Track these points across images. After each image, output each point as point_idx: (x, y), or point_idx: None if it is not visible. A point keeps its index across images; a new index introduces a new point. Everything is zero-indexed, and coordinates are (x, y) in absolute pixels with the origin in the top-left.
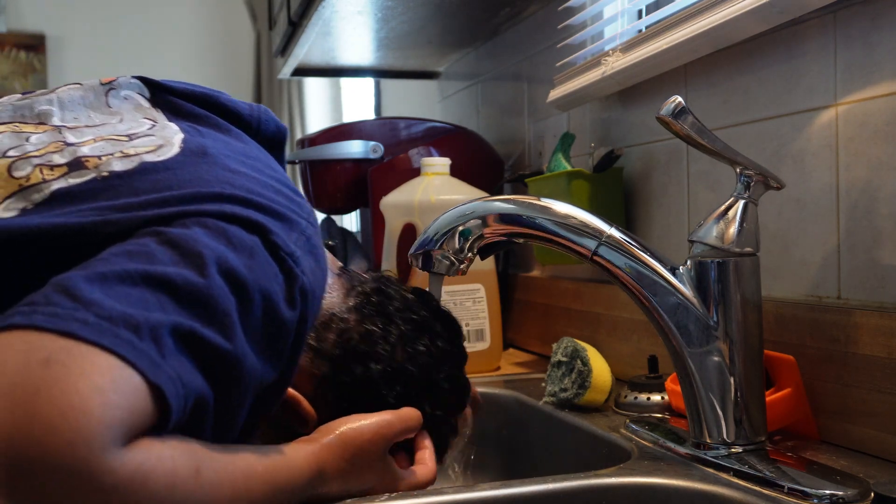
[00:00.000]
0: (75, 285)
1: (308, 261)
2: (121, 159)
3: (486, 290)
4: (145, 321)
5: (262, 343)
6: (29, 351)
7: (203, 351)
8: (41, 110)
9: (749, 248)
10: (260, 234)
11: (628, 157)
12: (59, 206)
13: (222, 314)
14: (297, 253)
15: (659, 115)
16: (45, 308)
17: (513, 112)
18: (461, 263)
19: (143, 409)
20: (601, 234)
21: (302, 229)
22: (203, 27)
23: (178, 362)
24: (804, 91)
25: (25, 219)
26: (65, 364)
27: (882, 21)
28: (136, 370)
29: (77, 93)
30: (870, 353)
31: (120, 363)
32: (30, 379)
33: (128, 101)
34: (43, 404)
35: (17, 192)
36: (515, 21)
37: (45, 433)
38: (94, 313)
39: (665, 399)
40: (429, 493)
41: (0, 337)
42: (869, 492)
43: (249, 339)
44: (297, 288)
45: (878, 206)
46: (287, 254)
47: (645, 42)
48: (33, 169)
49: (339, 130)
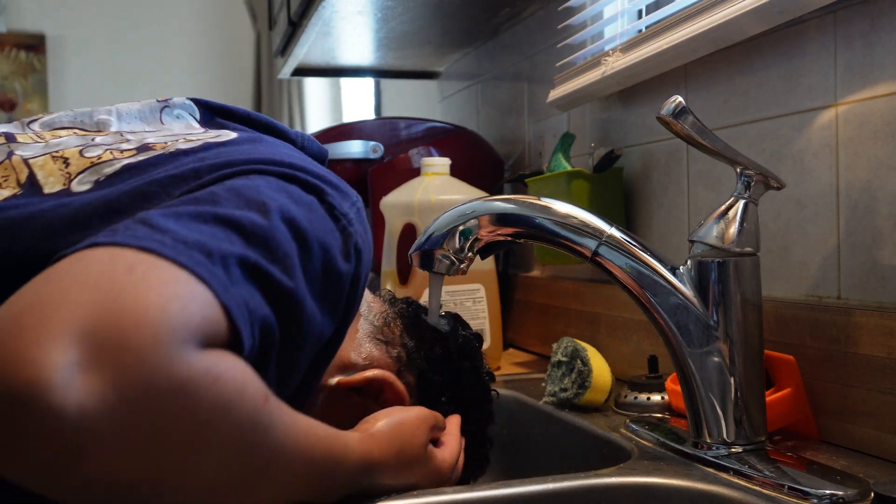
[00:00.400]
0: (152, 218)
1: (360, 226)
2: (185, 142)
3: (486, 290)
4: (217, 249)
5: (322, 292)
6: (114, 259)
7: (268, 284)
8: (100, 119)
9: (749, 248)
10: (317, 194)
11: (628, 157)
12: (129, 177)
13: (284, 255)
14: (351, 215)
15: (659, 115)
16: (125, 231)
17: (513, 112)
18: (461, 263)
19: (216, 321)
20: (601, 233)
21: (353, 201)
22: (203, 27)
23: (245, 289)
24: (804, 91)
25: (100, 190)
26: (146, 272)
27: (882, 21)
28: (209, 288)
29: (135, 107)
30: (870, 353)
31: (195, 279)
32: (115, 280)
33: (180, 120)
34: (129, 301)
35: (89, 168)
36: (515, 21)
37: (131, 325)
38: (171, 237)
39: (665, 399)
40: (429, 494)
41: (84, 251)
42: (869, 492)
43: (309, 286)
44: (352, 244)
45: (878, 206)
46: (342, 214)
47: (645, 42)
48: (104, 151)
49: (339, 130)
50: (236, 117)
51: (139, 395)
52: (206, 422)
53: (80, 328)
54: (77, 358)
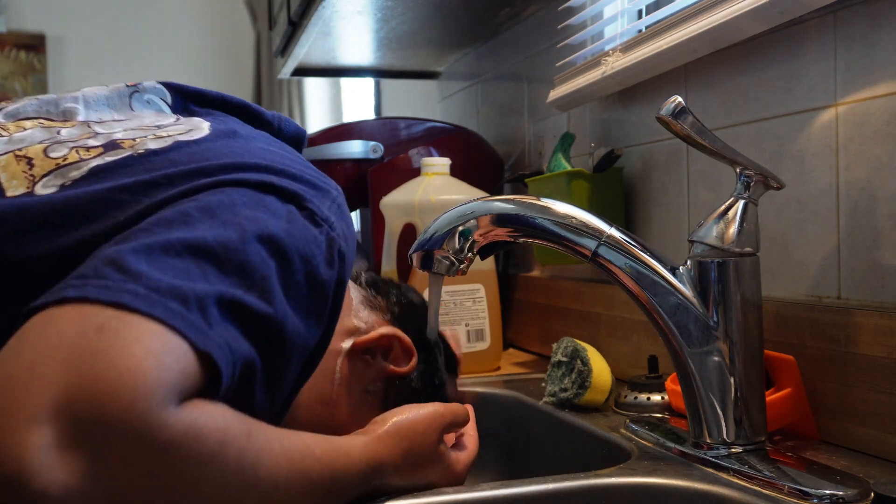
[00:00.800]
0: (123, 258)
1: (341, 225)
2: (154, 140)
3: (486, 290)
4: (192, 292)
5: (306, 304)
6: (83, 319)
7: (247, 317)
8: (67, 107)
9: (749, 248)
10: (296, 201)
11: (628, 157)
12: (97, 181)
13: (261, 279)
14: (332, 218)
15: (659, 115)
16: (95, 281)
17: (513, 112)
18: (461, 263)
19: (193, 372)
20: (601, 234)
21: (333, 198)
22: (203, 27)
23: (224, 330)
24: (804, 91)
25: (66, 193)
26: (118, 331)
27: (882, 21)
28: (185, 338)
29: (102, 93)
30: (870, 353)
31: (169, 331)
32: (86, 345)
33: (150, 106)
34: (101, 367)
35: (54, 171)
36: (515, 21)
37: (105, 393)
38: (144, 285)
39: (665, 399)
40: (429, 494)
41: (54, 309)
42: (869, 492)
43: (291, 302)
44: (335, 249)
45: (878, 207)
46: (323, 219)
47: (645, 42)
48: (69, 150)
49: (339, 130)
50: (209, 101)
51: (121, 467)
52: (194, 478)
53: (55, 405)
54: (54, 437)
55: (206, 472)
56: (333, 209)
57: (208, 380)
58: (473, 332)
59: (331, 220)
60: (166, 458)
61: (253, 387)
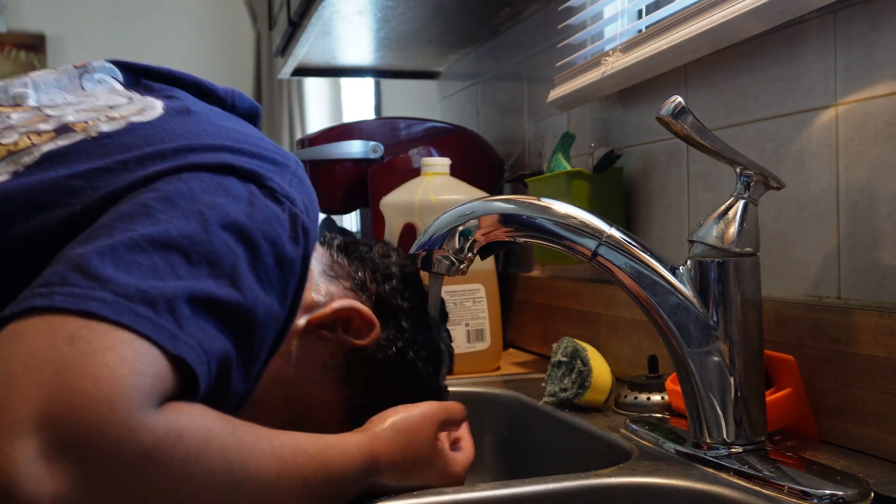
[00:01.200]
0: (89, 262)
1: (303, 199)
2: (107, 122)
3: (486, 290)
4: (160, 294)
5: (277, 283)
6: (53, 331)
7: (219, 309)
8: (16, 93)
9: (749, 248)
10: (255, 180)
11: (628, 157)
12: (51, 167)
13: (230, 268)
14: (293, 193)
15: (659, 115)
16: (62, 288)
17: (513, 112)
18: (461, 263)
19: (168, 376)
20: (601, 234)
21: (293, 171)
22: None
23: (196, 328)
24: (804, 91)
25: (19, 181)
26: (89, 340)
27: (882, 21)
28: (155, 344)
29: (51, 76)
30: (870, 353)
31: (140, 338)
32: (59, 357)
33: (102, 85)
34: (76, 378)
35: (6, 157)
36: (515, 21)
37: (83, 404)
38: (112, 291)
39: (665, 399)
40: (428, 494)
41: (23, 321)
42: (869, 492)
43: (262, 285)
44: (299, 225)
45: (878, 206)
46: (284, 196)
47: (645, 42)
48: (20, 136)
49: (339, 130)
50: (161, 77)
51: (108, 472)
52: (182, 479)
53: (35, 418)
54: (38, 449)
55: (192, 470)
56: (294, 183)
57: (185, 381)
58: (473, 332)
59: (292, 196)
60: (151, 460)
61: (230, 376)
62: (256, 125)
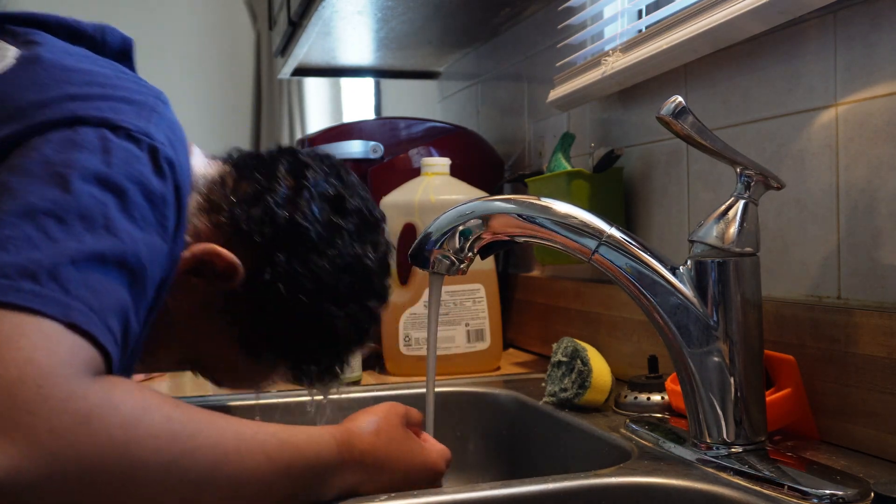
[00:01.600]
0: None
1: (163, 132)
2: None
3: (486, 290)
4: (39, 265)
5: (154, 221)
6: None
7: (103, 261)
8: None
9: (749, 248)
10: (107, 124)
11: (628, 157)
12: None
13: (102, 217)
14: (150, 129)
15: (659, 115)
16: None
17: (513, 112)
18: (461, 263)
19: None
20: (601, 233)
21: (151, 106)
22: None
23: (85, 290)
24: (804, 91)
25: None
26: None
27: (882, 21)
28: (49, 317)
29: None
30: (870, 353)
31: (33, 316)
32: None
33: None
34: None
35: None
36: (515, 21)
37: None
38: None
39: (665, 399)
40: (429, 494)
41: None
42: (869, 492)
43: (138, 224)
44: (161, 158)
45: (878, 206)
46: (141, 132)
47: (645, 42)
48: None
49: (339, 130)
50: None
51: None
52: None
53: None
54: None
55: (134, 434)
56: (154, 118)
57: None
58: (473, 332)
59: (149, 132)
60: (89, 425)
61: (129, 323)
62: (131, 60)
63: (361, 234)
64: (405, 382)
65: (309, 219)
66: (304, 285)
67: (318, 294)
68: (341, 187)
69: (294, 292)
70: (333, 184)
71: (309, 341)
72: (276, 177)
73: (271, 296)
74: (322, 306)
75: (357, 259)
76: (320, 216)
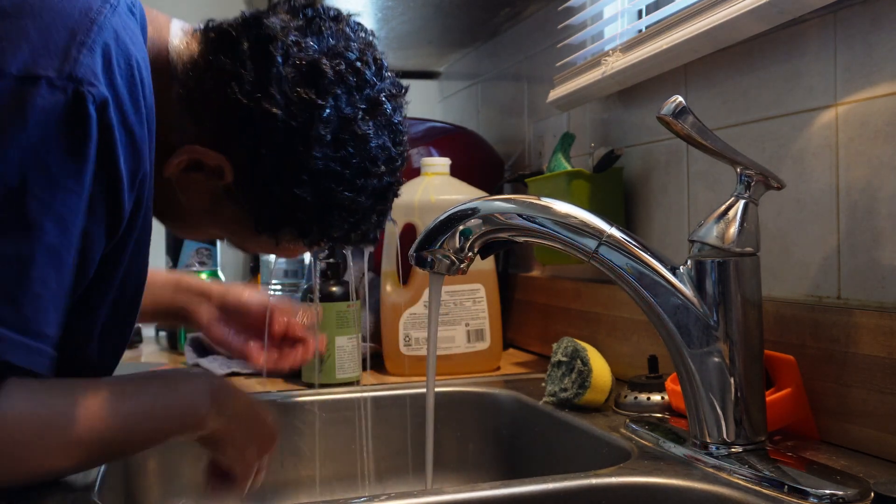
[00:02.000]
0: None
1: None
2: None
3: (486, 290)
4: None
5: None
6: None
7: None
8: None
9: (749, 248)
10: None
11: (628, 157)
12: None
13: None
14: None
15: (660, 115)
16: None
17: (513, 112)
18: (461, 263)
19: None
20: (602, 233)
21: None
22: None
23: None
24: (804, 91)
25: None
26: None
27: (882, 21)
28: None
29: None
30: (870, 353)
31: None
32: None
33: None
34: None
35: None
36: (515, 21)
37: None
38: None
39: (665, 399)
40: (429, 494)
41: None
42: (869, 492)
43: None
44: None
45: (878, 206)
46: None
47: (645, 42)
48: None
49: None
50: None
51: None
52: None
53: None
54: None
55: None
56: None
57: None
58: (473, 332)
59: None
60: None
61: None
62: None
63: (351, 99)
64: (405, 382)
65: (279, 105)
66: (295, 176)
67: (313, 179)
68: (317, 52)
69: (286, 181)
70: (307, 50)
71: (319, 219)
72: (240, 59)
73: (266, 186)
74: (320, 187)
75: (346, 127)
76: (293, 97)
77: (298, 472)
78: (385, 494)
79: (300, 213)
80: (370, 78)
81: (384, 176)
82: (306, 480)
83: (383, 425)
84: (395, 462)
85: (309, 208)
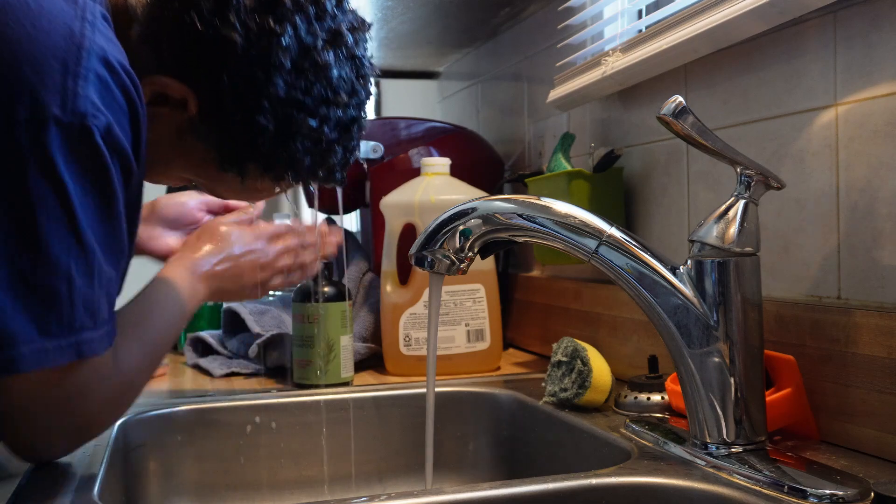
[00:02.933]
0: None
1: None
2: None
3: (486, 290)
4: None
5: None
6: None
7: None
8: None
9: (749, 248)
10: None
11: (628, 157)
12: None
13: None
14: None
15: (659, 115)
16: None
17: (513, 112)
18: (461, 263)
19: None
20: (602, 233)
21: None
22: None
23: None
24: (804, 91)
25: None
26: None
27: (882, 21)
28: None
29: None
30: (870, 353)
31: None
32: None
33: None
34: None
35: None
36: (515, 21)
37: None
38: None
39: (665, 399)
40: (429, 494)
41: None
42: (869, 492)
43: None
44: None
45: (878, 206)
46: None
47: (645, 42)
48: None
49: None
50: None
51: None
52: None
53: None
54: None
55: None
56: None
57: None
58: (473, 332)
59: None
60: None
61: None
62: None
63: (311, 28)
64: (405, 382)
65: (238, 32)
66: (257, 103)
67: (274, 106)
68: None
69: (248, 109)
70: None
71: (283, 149)
72: None
73: (228, 115)
74: (282, 114)
75: (305, 55)
76: (251, 24)
77: (299, 472)
78: (385, 494)
79: (264, 143)
80: (330, 9)
81: (348, 108)
82: (306, 480)
83: (383, 425)
84: (395, 462)
85: (272, 138)
